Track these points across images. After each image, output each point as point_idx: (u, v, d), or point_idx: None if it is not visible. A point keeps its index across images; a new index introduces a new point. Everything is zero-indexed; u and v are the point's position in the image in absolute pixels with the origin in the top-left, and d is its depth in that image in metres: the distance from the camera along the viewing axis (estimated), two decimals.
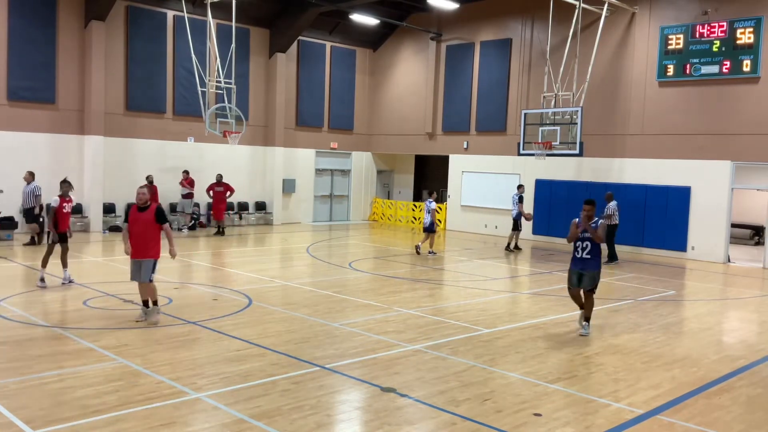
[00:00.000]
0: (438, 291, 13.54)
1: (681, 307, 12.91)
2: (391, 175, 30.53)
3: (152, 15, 22.24)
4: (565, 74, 20.74)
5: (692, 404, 7.18)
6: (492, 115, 24.70)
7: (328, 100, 27.52)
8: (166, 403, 6.57)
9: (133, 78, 21.90)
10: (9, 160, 19.44)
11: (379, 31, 27.75)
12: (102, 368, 7.59)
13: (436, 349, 8.86)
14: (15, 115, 19.64)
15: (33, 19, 19.77)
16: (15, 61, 19.50)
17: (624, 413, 6.80)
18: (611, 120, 21.43)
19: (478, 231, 25.03)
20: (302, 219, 27.06)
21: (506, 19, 24.38)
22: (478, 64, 25.23)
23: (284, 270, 16.07)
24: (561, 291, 13.71)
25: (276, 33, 25.22)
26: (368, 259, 17.61)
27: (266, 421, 6.19)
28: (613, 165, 21.50)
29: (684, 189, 19.93)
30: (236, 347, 8.66)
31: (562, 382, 7.70)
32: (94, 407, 6.38)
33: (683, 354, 9.22)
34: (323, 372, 7.75)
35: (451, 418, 6.49)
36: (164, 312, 10.43)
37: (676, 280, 16.15)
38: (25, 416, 6.09)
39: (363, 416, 6.56)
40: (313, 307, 11.24)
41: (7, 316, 9.90)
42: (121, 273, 14.33)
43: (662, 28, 20.18)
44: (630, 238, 20.88)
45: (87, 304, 10.87)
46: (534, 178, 23.36)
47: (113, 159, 21.31)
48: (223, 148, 23.59)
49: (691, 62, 19.59)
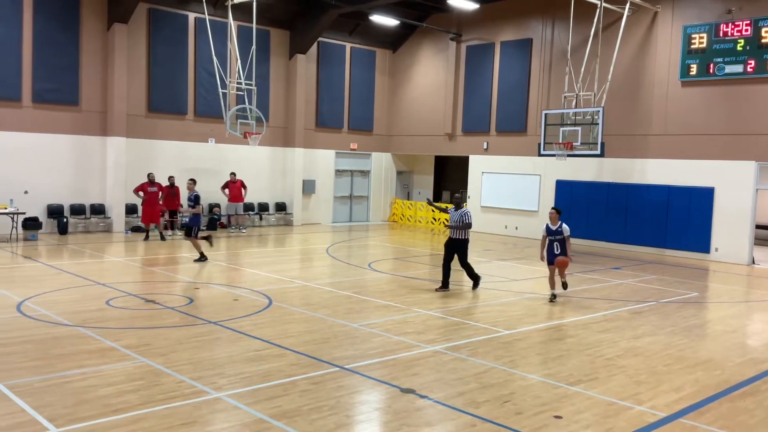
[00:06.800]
0: (457, 292, 13.50)
1: (704, 310, 12.76)
2: (410, 175, 30.50)
3: (174, 17, 22.43)
4: (586, 74, 20.59)
5: (715, 408, 7.09)
6: (512, 116, 24.59)
7: (348, 101, 27.57)
8: (187, 403, 6.62)
9: (154, 80, 22.10)
10: (33, 161, 19.71)
11: (398, 31, 27.74)
12: (124, 367, 7.66)
13: (456, 351, 8.83)
14: (39, 117, 19.91)
15: (57, 22, 20.04)
16: (39, 63, 19.77)
17: (646, 416, 6.73)
18: (633, 120, 21.23)
19: (498, 232, 24.91)
20: (322, 220, 27.13)
21: (526, 19, 24.26)
22: (498, 64, 25.13)
23: (304, 271, 16.12)
24: (582, 293, 13.63)
25: (296, 34, 25.32)
26: (388, 260, 17.60)
27: (286, 422, 6.21)
28: (634, 165, 21.30)
29: (707, 190, 19.68)
30: (256, 347, 8.70)
31: (582, 385, 7.64)
32: (115, 406, 6.45)
33: (706, 357, 9.11)
34: (343, 372, 7.76)
35: (471, 419, 6.46)
36: (185, 312, 10.52)
37: (699, 282, 15.95)
38: (48, 414, 6.17)
39: (382, 417, 6.55)
40: (333, 308, 11.26)
41: (32, 316, 10.04)
42: (143, 273, 14.47)
43: (685, 27, 19.95)
44: (653, 240, 20.70)
45: (109, 304, 10.98)
46: (554, 179, 23.22)
47: (135, 160, 21.51)
48: (244, 149, 23.72)
49: (714, 61, 19.35)
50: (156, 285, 13.10)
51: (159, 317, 10.22)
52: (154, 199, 20.15)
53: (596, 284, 14.84)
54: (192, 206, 16.09)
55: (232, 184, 22.32)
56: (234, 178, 22.41)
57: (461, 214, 12.96)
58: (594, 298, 13.09)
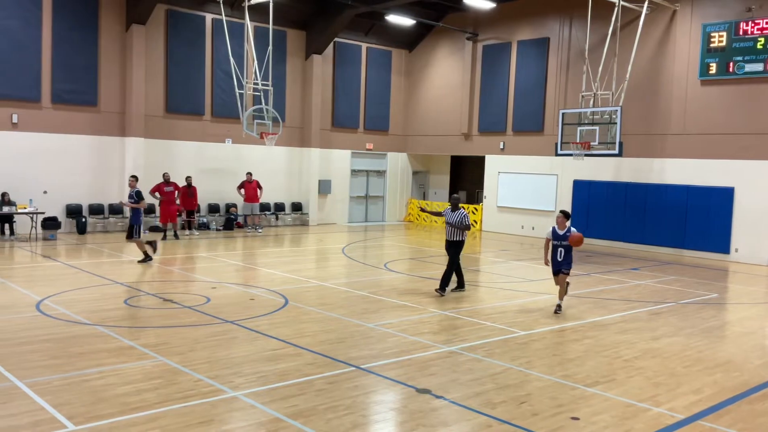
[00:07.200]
0: (473, 292, 13.45)
1: (724, 311, 12.62)
2: (426, 175, 30.46)
3: (191, 18, 22.57)
4: (604, 73, 20.45)
5: (735, 410, 7.01)
6: (529, 115, 24.48)
7: (364, 101, 27.59)
8: (204, 401, 6.65)
9: (172, 80, 22.25)
10: (52, 161, 19.92)
11: (414, 31, 27.72)
12: (142, 366, 7.72)
13: (472, 351, 8.81)
14: (58, 118, 20.12)
15: (75, 23, 20.23)
16: (58, 64, 19.98)
17: (664, 418, 6.67)
18: (651, 119, 21.06)
19: (515, 232, 24.81)
20: (338, 220, 27.17)
21: (544, 18, 24.14)
22: (515, 63, 25.03)
23: (320, 270, 16.15)
24: (600, 294, 13.54)
25: (312, 35, 25.38)
26: (403, 260, 17.59)
27: (302, 421, 6.22)
28: (653, 165, 21.12)
29: (727, 190, 19.47)
30: (273, 346, 8.73)
31: (600, 386, 7.58)
32: (133, 404, 6.49)
33: (726, 358, 9.01)
34: (358, 372, 7.76)
35: (487, 420, 6.44)
36: (202, 311, 10.57)
37: (718, 282, 15.79)
38: (67, 412, 6.23)
39: (398, 417, 6.55)
40: (349, 308, 11.27)
41: (51, 315, 10.14)
42: (161, 272, 14.57)
43: (704, 26, 19.75)
44: (671, 240, 20.52)
45: (128, 303, 11.07)
46: (572, 179, 23.08)
47: (153, 160, 21.65)
48: (260, 150, 23.81)
49: (734, 60, 19.13)
50: (174, 284, 13.18)
51: (176, 316, 10.28)
52: (171, 198, 20.24)
53: (614, 285, 14.74)
54: (134, 202, 15.41)
55: (248, 184, 22.41)
56: (250, 178, 22.50)
57: (460, 215, 12.48)
58: (612, 299, 12.99)
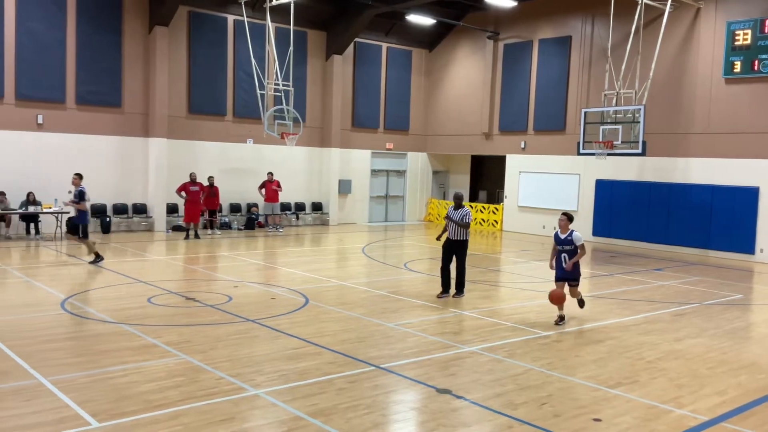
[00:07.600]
0: (494, 292, 13.40)
1: (748, 312, 12.44)
2: (446, 175, 30.39)
3: (213, 20, 22.74)
4: (627, 72, 20.26)
5: (760, 412, 6.91)
6: (550, 114, 24.32)
7: (384, 101, 27.60)
8: (226, 399, 6.70)
9: (195, 82, 22.44)
10: (77, 161, 20.14)
11: (435, 31, 27.67)
12: (165, 364, 7.79)
13: (493, 351, 8.78)
14: (82, 119, 20.38)
15: (99, 25, 20.47)
16: (82, 66, 20.23)
17: (687, 420, 6.60)
18: (675, 118, 20.82)
19: (536, 232, 24.66)
20: (358, 219, 27.21)
21: (565, 16, 23.97)
22: (536, 62, 24.88)
23: (340, 270, 16.19)
24: (623, 294, 13.42)
25: (333, 35, 25.44)
26: (423, 260, 17.57)
27: (323, 419, 6.25)
28: (677, 164, 20.88)
29: (752, 189, 19.19)
30: (293, 345, 8.77)
31: (622, 387, 7.52)
32: (156, 402, 6.56)
33: (750, 360, 8.89)
34: (379, 372, 7.77)
35: (508, 421, 6.41)
36: (224, 310, 10.65)
37: (743, 283, 15.57)
38: (91, 409, 6.31)
39: (418, 417, 6.55)
40: (369, 307, 11.29)
41: (75, 313, 10.28)
42: (184, 271, 14.70)
43: (729, 24, 19.49)
44: (696, 240, 20.27)
45: (151, 302, 11.18)
46: (594, 179, 22.90)
47: (176, 161, 21.85)
48: (281, 150, 23.93)
49: (759, 58, 18.85)
50: (196, 283, 13.30)
51: (199, 315, 10.37)
52: (196, 198, 20.43)
53: (637, 286, 14.60)
54: (76, 202, 14.77)
55: (269, 184, 22.53)
56: (271, 178, 22.61)
57: (462, 214, 12.20)
58: (635, 300, 12.87)
